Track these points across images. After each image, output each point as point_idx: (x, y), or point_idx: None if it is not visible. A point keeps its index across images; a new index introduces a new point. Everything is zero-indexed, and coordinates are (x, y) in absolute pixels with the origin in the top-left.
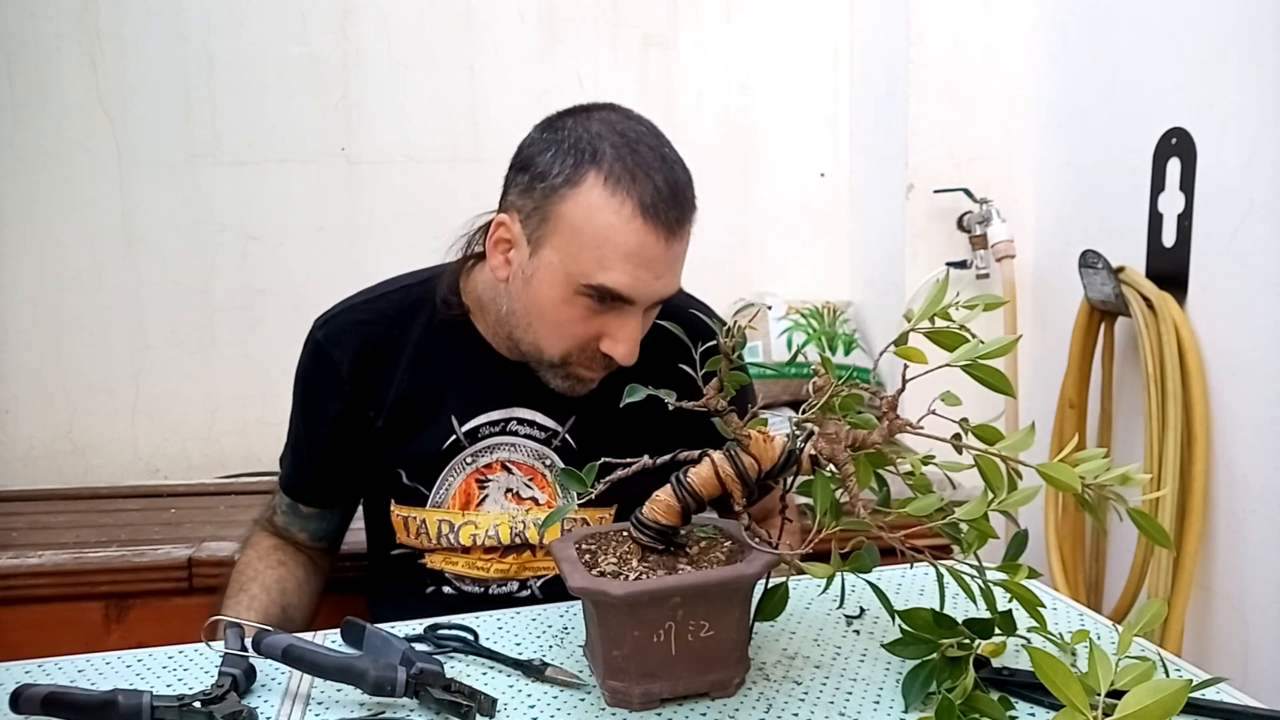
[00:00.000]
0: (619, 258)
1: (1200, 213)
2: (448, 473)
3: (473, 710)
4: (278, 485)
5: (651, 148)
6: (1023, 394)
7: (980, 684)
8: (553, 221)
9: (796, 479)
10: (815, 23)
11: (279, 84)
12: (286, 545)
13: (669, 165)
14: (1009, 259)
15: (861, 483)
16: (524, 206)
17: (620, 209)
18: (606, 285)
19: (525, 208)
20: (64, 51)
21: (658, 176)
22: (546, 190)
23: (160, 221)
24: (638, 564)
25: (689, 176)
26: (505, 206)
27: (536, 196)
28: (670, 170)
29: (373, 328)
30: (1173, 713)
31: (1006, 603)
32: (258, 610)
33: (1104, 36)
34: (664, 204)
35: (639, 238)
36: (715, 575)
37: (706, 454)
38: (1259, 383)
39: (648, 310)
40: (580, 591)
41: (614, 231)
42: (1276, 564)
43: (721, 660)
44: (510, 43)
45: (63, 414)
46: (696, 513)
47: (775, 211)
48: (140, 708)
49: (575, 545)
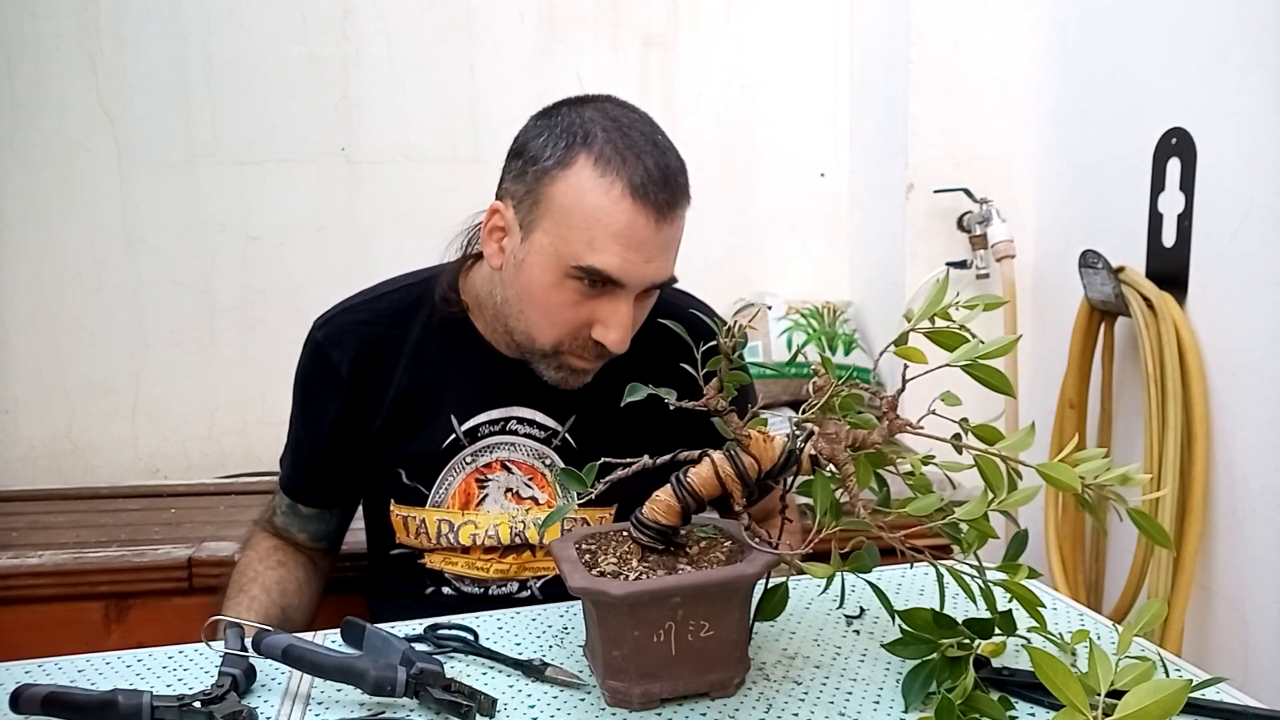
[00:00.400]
0: (608, 238)
1: (1200, 213)
2: (447, 472)
3: (473, 710)
4: (278, 486)
5: (644, 134)
6: (1023, 394)
7: (980, 684)
8: (544, 204)
9: (796, 479)
10: (815, 23)
11: (279, 84)
12: (286, 546)
13: (661, 150)
14: (1009, 259)
15: (861, 483)
16: (517, 192)
17: (610, 189)
18: (596, 267)
19: (518, 193)
20: (64, 51)
21: (649, 160)
22: (538, 173)
23: (160, 221)
24: (638, 564)
25: (682, 164)
26: (500, 194)
27: (528, 180)
28: (662, 155)
29: (372, 328)
30: (1173, 713)
31: (1006, 603)
32: (257, 611)
33: (1104, 36)
34: (654, 186)
35: (628, 218)
36: (715, 575)
37: (706, 454)
38: (1259, 383)
39: (640, 299)
40: (580, 591)
41: (603, 212)
42: (1276, 564)
43: (721, 660)
44: (510, 43)
45: (63, 414)
46: (696, 513)
47: (775, 211)
48: (140, 708)
49: (575, 545)
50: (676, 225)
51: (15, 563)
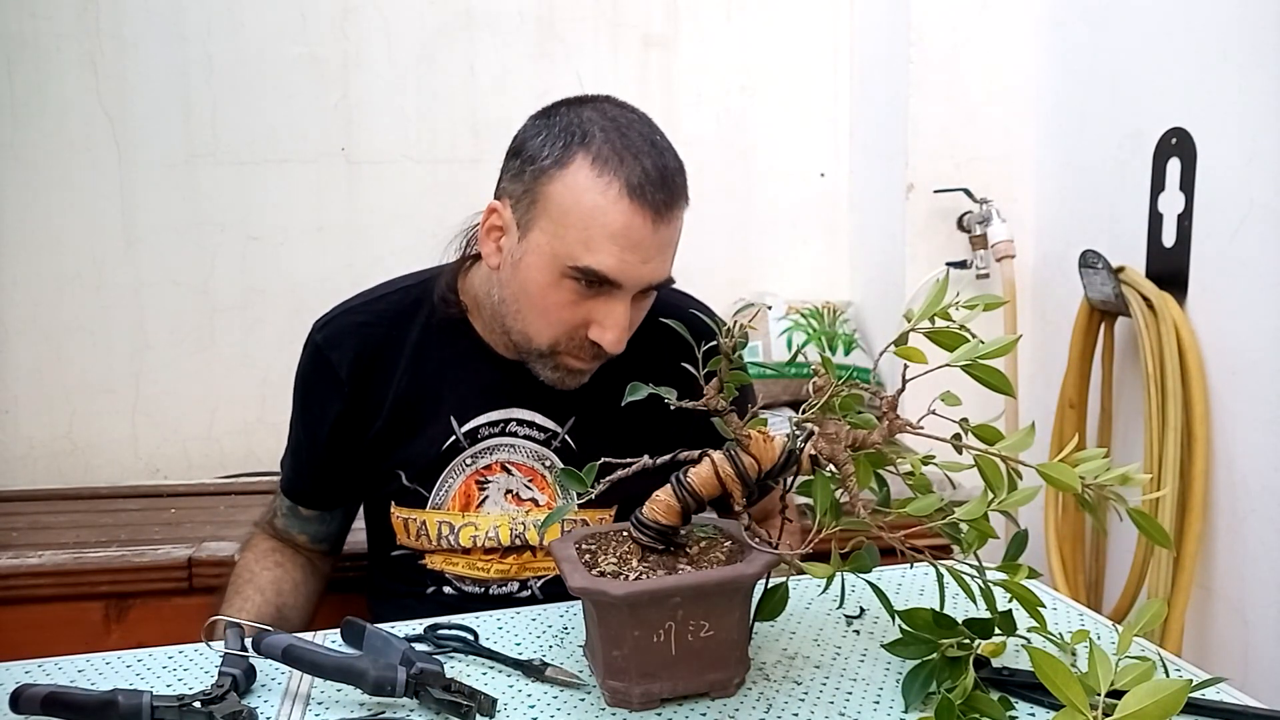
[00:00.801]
0: (605, 239)
1: (1200, 213)
2: (447, 474)
3: (473, 710)
4: (278, 488)
5: (642, 134)
6: (1023, 394)
7: (980, 684)
8: (541, 203)
9: (796, 479)
10: (815, 23)
11: (279, 84)
12: (285, 547)
13: (659, 151)
14: (1009, 259)
15: (861, 483)
16: (514, 191)
17: (607, 190)
18: (592, 267)
19: (516, 192)
20: (64, 52)
21: (646, 160)
22: (536, 173)
23: (160, 221)
24: (638, 564)
25: (680, 165)
26: (498, 194)
27: (526, 180)
28: (660, 156)
29: (372, 329)
30: (1173, 712)
31: (1006, 603)
32: (251, 611)
33: (1104, 36)
34: (651, 186)
35: (625, 219)
36: (715, 575)
37: (706, 454)
38: (1259, 382)
39: (637, 300)
40: (580, 591)
41: (600, 212)
42: (1277, 564)
43: (721, 660)
44: (510, 43)
45: (63, 414)
46: (696, 513)
47: (775, 211)
48: (140, 708)
49: (575, 545)
50: (674, 226)
51: (15, 563)
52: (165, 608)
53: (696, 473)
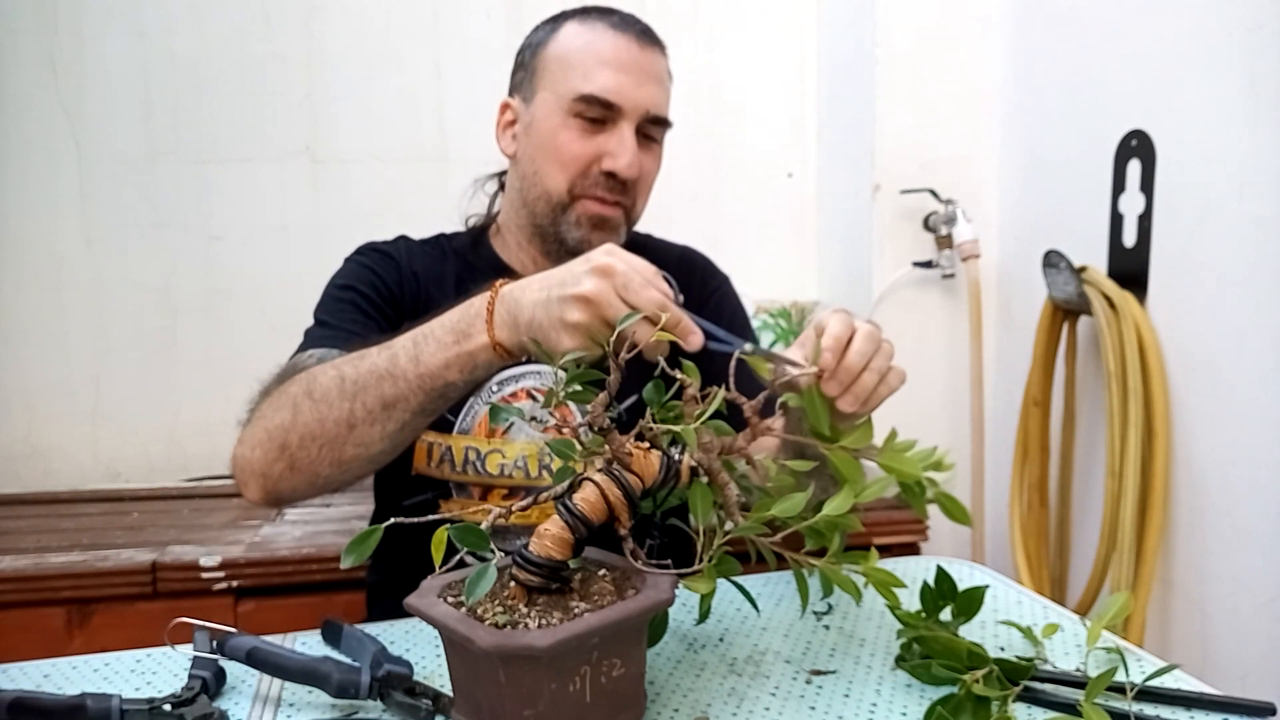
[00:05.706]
0: (598, 65)
1: (1160, 213)
2: (474, 399)
3: (430, 712)
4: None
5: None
6: (988, 392)
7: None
8: (540, 69)
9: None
10: (782, 24)
11: (242, 82)
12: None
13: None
14: (974, 259)
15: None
16: (519, 81)
17: (593, 29)
18: (593, 93)
19: (520, 80)
20: (21, 49)
21: (625, 14)
22: (532, 51)
23: (121, 221)
24: (527, 609)
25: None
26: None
27: (526, 63)
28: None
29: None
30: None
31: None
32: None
33: (1065, 39)
34: (633, 22)
35: (613, 43)
36: (634, 606)
37: (588, 478)
38: (1217, 380)
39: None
40: (498, 651)
41: (590, 46)
42: (1233, 558)
43: (631, 698)
44: (477, 40)
45: (21, 417)
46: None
47: (743, 212)
48: (109, 711)
49: (441, 597)
50: (659, 62)
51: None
52: (129, 613)
53: (584, 498)
